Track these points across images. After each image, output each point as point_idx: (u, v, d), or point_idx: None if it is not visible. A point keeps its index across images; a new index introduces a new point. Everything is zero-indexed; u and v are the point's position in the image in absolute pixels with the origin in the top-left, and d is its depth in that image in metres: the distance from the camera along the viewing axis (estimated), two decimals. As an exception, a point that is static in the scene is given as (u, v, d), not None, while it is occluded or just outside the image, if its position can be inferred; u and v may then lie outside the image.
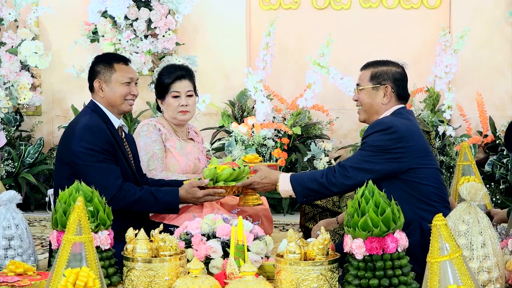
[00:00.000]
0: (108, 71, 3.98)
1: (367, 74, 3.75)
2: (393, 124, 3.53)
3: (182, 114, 4.42)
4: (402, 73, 3.75)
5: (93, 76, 4.00)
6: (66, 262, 2.58)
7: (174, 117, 4.43)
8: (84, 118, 3.89)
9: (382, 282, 2.94)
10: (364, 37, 6.61)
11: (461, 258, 2.55)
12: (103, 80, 3.97)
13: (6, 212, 3.55)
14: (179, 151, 4.39)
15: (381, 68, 3.73)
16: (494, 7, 6.43)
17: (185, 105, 4.40)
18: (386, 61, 3.80)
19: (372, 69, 3.74)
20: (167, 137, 4.39)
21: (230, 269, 3.12)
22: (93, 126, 3.83)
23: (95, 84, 3.98)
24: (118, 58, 4.06)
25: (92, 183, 3.44)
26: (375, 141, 3.52)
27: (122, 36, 6.35)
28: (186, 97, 4.41)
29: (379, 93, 3.69)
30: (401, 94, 3.72)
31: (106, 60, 4.04)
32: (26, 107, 6.65)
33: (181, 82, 4.42)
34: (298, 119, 6.34)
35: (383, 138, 3.51)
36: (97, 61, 4.06)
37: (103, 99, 3.98)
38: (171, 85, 4.40)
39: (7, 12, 6.45)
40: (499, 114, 6.43)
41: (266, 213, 4.49)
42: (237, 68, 6.60)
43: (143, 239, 3.14)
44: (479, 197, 3.11)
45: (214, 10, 6.69)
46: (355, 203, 2.99)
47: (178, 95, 4.41)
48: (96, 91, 3.99)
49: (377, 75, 3.72)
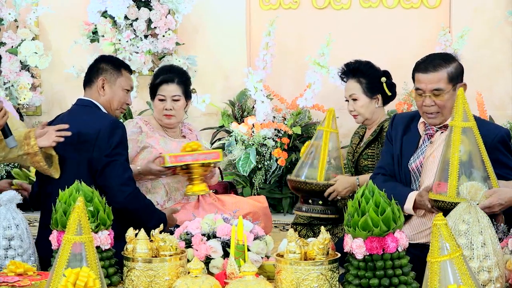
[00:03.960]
0: (115, 73, 3.97)
1: (443, 75, 3.57)
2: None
3: (167, 118, 4.41)
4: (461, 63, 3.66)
5: (97, 72, 3.98)
6: (66, 262, 2.58)
7: (160, 119, 4.44)
8: (101, 114, 3.88)
9: (382, 282, 2.94)
10: (364, 37, 6.61)
11: (461, 258, 2.55)
12: (107, 80, 3.96)
13: (6, 212, 3.55)
14: (163, 147, 4.39)
15: (452, 66, 3.58)
16: (494, 7, 6.43)
17: (169, 109, 4.38)
18: (449, 56, 3.66)
19: (447, 69, 3.58)
20: (149, 134, 4.39)
21: (230, 269, 3.12)
22: (119, 122, 3.87)
23: (99, 81, 3.96)
24: (125, 65, 4.08)
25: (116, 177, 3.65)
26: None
27: (122, 36, 6.35)
28: (172, 101, 4.39)
29: (455, 93, 3.54)
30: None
31: (114, 62, 4.03)
32: (26, 107, 6.64)
33: (168, 86, 4.40)
34: (298, 119, 6.34)
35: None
36: (104, 60, 4.05)
37: (100, 98, 3.96)
38: (158, 87, 4.41)
39: (7, 12, 6.45)
40: (499, 114, 6.43)
41: (265, 211, 4.51)
42: (237, 68, 6.59)
43: (143, 239, 3.14)
44: (479, 197, 3.11)
45: (214, 10, 6.69)
46: (355, 202, 2.99)
47: (163, 99, 4.40)
48: (96, 88, 3.96)
49: (454, 75, 3.59)
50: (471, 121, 3.31)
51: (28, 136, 3.71)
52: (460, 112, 3.31)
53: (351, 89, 4.53)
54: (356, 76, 4.52)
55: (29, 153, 3.70)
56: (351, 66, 4.58)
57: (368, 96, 4.51)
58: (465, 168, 3.27)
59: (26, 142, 3.70)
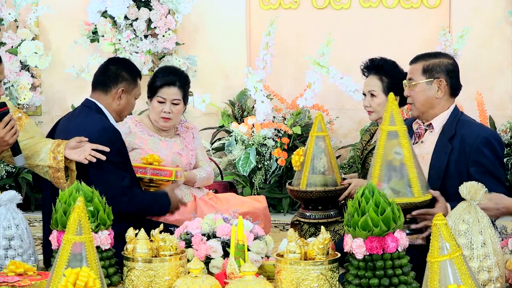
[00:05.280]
0: (132, 83, 3.93)
1: (419, 67, 3.63)
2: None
3: (164, 120, 4.38)
4: (454, 64, 3.65)
5: (117, 80, 3.89)
6: (66, 262, 2.58)
7: (156, 121, 4.41)
8: (95, 118, 3.84)
9: (382, 282, 2.94)
10: (364, 36, 6.61)
11: (461, 258, 2.55)
12: (125, 90, 3.91)
13: (7, 212, 3.55)
14: (151, 147, 4.37)
15: (432, 61, 3.63)
16: (493, 6, 6.43)
17: (168, 112, 4.36)
18: (437, 53, 3.70)
19: (424, 62, 3.63)
20: (138, 135, 4.38)
21: (230, 269, 3.12)
22: (110, 128, 3.80)
23: (118, 90, 3.88)
24: (139, 73, 4.03)
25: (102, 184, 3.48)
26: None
27: (122, 36, 6.35)
28: (171, 105, 4.35)
29: (432, 87, 3.60)
30: (454, 87, 3.63)
31: (133, 71, 3.97)
32: (26, 107, 6.64)
33: (169, 89, 4.35)
34: (298, 118, 6.35)
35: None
36: (124, 67, 3.96)
37: (113, 106, 3.90)
38: (159, 89, 4.36)
39: (7, 12, 6.45)
40: (499, 114, 6.43)
41: (265, 212, 4.51)
42: (237, 68, 6.60)
43: (143, 239, 3.14)
44: (479, 197, 3.11)
45: (214, 10, 6.70)
46: (355, 202, 2.99)
47: (163, 101, 4.36)
48: (113, 95, 3.88)
49: (430, 68, 3.61)
50: (398, 125, 3.34)
51: (56, 150, 3.60)
52: (388, 116, 3.36)
53: (372, 85, 4.45)
54: (379, 74, 4.43)
55: (52, 167, 3.65)
56: (376, 63, 4.48)
57: (387, 95, 4.40)
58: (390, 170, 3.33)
59: (52, 156, 3.61)
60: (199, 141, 4.62)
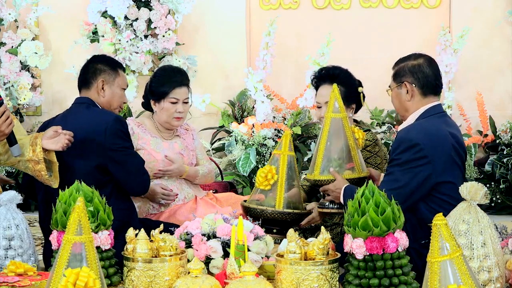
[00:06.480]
0: (112, 73, 3.98)
1: (392, 73, 3.67)
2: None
3: (177, 120, 4.41)
4: (420, 63, 3.58)
5: (95, 73, 3.97)
6: (66, 262, 2.58)
7: (168, 122, 4.41)
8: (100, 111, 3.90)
9: (382, 282, 2.93)
10: (364, 36, 6.61)
11: (461, 258, 2.55)
12: (106, 80, 3.96)
13: (7, 212, 3.54)
14: (154, 148, 4.40)
15: (400, 65, 3.63)
16: (493, 6, 6.43)
17: (181, 111, 4.39)
18: (408, 56, 3.67)
19: (395, 67, 3.65)
20: (140, 136, 4.40)
21: (230, 269, 3.12)
22: (119, 116, 3.90)
23: (98, 83, 3.95)
24: (120, 64, 4.09)
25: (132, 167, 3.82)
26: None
27: (122, 36, 6.35)
28: (183, 104, 4.41)
29: (402, 91, 3.60)
30: (423, 86, 3.56)
31: (109, 62, 4.04)
32: (26, 108, 6.65)
33: (180, 89, 4.39)
34: (298, 119, 6.35)
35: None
36: (98, 60, 4.04)
37: (100, 99, 3.95)
38: (172, 90, 4.38)
39: (7, 12, 6.46)
40: (499, 114, 6.43)
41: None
42: (237, 68, 6.60)
43: (143, 239, 3.14)
44: (479, 197, 3.11)
45: (214, 10, 6.70)
46: (355, 202, 2.99)
47: (176, 102, 4.38)
48: (95, 89, 3.95)
49: (397, 73, 3.63)
50: (342, 112, 3.76)
51: (34, 142, 3.68)
52: (331, 104, 3.76)
53: (328, 95, 3.99)
54: (335, 83, 3.99)
55: (32, 160, 3.68)
56: (331, 72, 4.28)
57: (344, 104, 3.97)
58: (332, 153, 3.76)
59: (31, 149, 3.67)
60: (198, 142, 4.65)
